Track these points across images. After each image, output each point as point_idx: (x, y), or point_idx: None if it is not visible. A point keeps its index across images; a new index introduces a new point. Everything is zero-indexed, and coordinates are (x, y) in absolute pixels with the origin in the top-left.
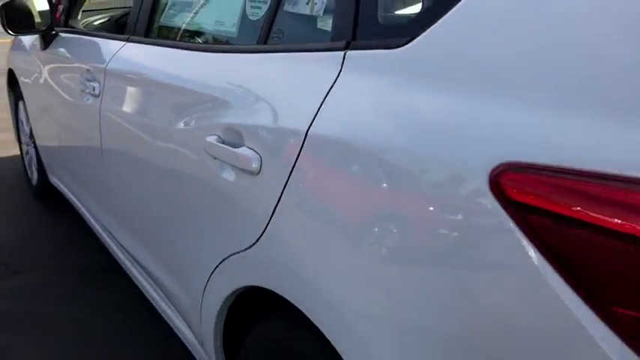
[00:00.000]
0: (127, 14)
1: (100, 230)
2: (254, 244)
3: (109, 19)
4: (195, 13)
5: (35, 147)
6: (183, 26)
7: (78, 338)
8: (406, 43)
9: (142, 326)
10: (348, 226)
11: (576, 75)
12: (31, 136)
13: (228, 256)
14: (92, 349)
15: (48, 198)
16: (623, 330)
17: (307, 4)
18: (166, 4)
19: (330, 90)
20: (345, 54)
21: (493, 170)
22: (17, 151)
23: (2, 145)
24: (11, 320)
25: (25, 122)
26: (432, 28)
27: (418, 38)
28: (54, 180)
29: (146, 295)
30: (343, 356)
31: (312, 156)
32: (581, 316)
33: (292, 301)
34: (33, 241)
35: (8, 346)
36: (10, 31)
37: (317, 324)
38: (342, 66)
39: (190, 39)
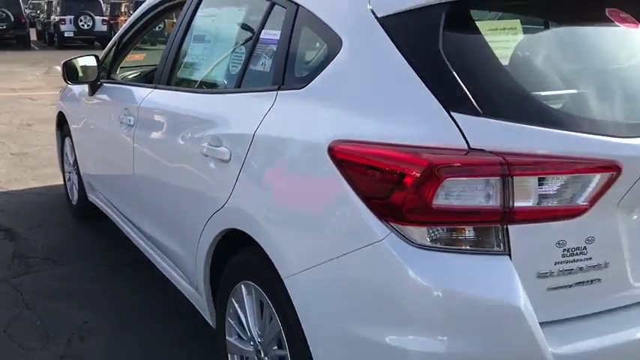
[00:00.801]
0: (153, 70)
1: (127, 227)
2: (225, 203)
3: (139, 73)
4: (200, 69)
5: (77, 172)
6: (192, 78)
7: (108, 308)
8: (305, 86)
9: (156, 307)
10: (272, 187)
11: (379, 100)
12: (74, 164)
13: (212, 215)
14: (118, 318)
15: (84, 215)
16: (376, 211)
17: (261, 65)
18: (182, 64)
19: (267, 112)
20: (277, 93)
21: (330, 144)
22: (57, 181)
23: (46, 177)
24: (63, 295)
25: (69, 154)
26: (316, 78)
27: (310, 83)
28: (92, 197)
29: (159, 268)
30: (270, 256)
31: (256, 148)
32: (359, 206)
33: (245, 231)
34: (73, 245)
35: (63, 310)
36: (69, 82)
37: (258, 241)
38: (275, 99)
39: (196, 86)
